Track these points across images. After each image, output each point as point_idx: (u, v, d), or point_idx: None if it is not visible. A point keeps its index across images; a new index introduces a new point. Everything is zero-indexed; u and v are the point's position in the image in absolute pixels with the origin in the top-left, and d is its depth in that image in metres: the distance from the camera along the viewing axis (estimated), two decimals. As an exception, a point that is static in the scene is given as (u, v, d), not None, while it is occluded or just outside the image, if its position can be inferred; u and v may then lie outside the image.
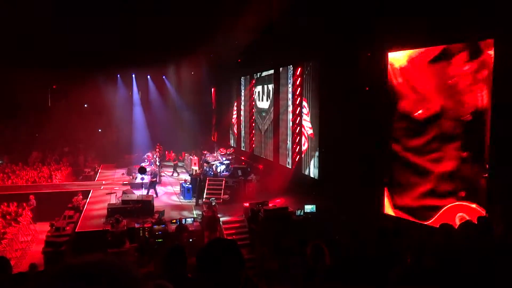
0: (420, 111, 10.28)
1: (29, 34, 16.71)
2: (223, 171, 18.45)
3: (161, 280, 1.98)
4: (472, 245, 4.00)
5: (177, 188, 18.90)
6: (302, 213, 13.61)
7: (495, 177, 8.64)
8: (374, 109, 11.91)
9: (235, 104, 25.85)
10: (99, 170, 23.81)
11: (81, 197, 16.92)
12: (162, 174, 21.52)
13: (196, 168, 19.88)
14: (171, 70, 27.47)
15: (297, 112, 17.05)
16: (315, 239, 5.08)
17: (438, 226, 4.82)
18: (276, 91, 19.30)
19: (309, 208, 13.66)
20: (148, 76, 28.73)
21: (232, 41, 18.05)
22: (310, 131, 16.13)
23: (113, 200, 16.07)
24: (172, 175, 22.09)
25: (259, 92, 21.89)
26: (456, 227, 4.70)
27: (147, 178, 17.99)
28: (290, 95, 17.89)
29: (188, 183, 17.52)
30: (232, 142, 26.56)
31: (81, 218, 14.57)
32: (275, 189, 16.94)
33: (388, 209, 11.33)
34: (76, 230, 13.27)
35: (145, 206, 14.74)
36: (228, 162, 19.08)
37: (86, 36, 17.50)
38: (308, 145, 16.33)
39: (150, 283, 2.02)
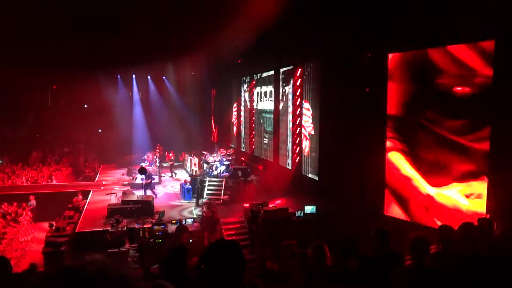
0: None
1: (30, 34, 16.71)
2: (223, 172, 18.44)
3: (161, 280, 1.98)
4: (472, 246, 4.00)
5: (177, 189, 18.89)
6: (302, 214, 13.60)
7: (495, 177, 8.65)
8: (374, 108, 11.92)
9: (235, 104, 25.87)
10: (99, 171, 23.81)
11: (81, 197, 16.93)
12: (162, 174, 21.51)
13: (196, 168, 19.88)
14: (171, 71, 27.48)
15: (297, 113, 17.05)
16: (316, 240, 5.07)
17: (438, 228, 4.82)
18: (276, 92, 19.32)
19: (309, 209, 13.65)
20: (148, 77, 28.74)
21: (232, 41, 18.05)
22: (311, 132, 16.14)
23: (113, 200, 16.06)
24: (171, 175, 22.08)
25: (259, 93, 21.90)
26: (456, 229, 4.70)
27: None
28: (290, 96, 17.90)
29: (188, 184, 17.51)
30: (232, 142, 26.57)
31: (81, 218, 14.56)
32: (275, 190, 16.94)
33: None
34: (76, 230, 13.26)
35: (145, 207, 14.73)
36: (228, 162, 19.08)
37: (87, 36, 17.51)
38: (309, 146, 16.33)
39: (149, 283, 2.03)
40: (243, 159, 22.29)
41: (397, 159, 11.44)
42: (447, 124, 9.98)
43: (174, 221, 13.26)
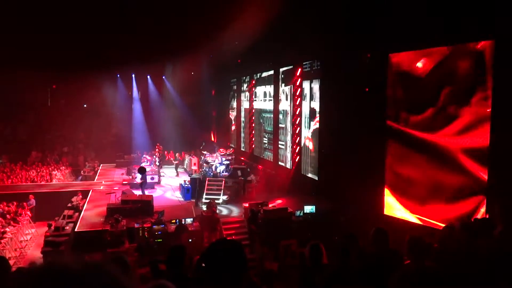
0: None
1: (30, 34, 16.70)
2: (222, 172, 18.43)
3: (163, 280, 1.98)
4: (471, 246, 4.00)
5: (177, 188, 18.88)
6: (301, 214, 13.61)
7: (494, 177, 8.65)
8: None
9: (235, 104, 25.86)
10: (99, 170, 23.79)
11: (80, 196, 16.92)
12: (162, 174, 21.48)
13: (195, 168, 19.87)
14: (171, 70, 27.47)
15: (297, 113, 17.05)
16: (314, 239, 5.07)
17: (441, 228, 4.82)
18: (276, 91, 19.31)
19: (308, 208, 13.66)
20: (148, 76, 28.72)
21: (232, 41, 18.05)
22: (310, 132, 16.13)
23: (112, 200, 16.05)
24: (177, 175, 22.08)
25: (259, 93, 21.90)
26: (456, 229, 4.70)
27: (149, 178, 18.00)
28: (290, 96, 17.90)
29: (187, 183, 17.50)
30: (231, 142, 26.57)
31: (81, 218, 14.55)
32: (274, 189, 16.94)
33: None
34: (75, 230, 13.26)
35: (144, 206, 14.72)
36: (227, 162, 19.07)
37: (86, 36, 17.50)
38: (308, 146, 16.33)
39: (150, 283, 2.03)
40: (242, 158, 22.28)
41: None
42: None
43: (174, 221, 13.25)
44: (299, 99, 16.87)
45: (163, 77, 28.58)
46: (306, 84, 16.43)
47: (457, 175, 8.46)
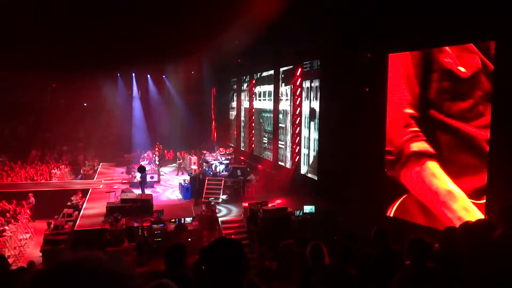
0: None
1: (29, 33, 16.69)
2: (222, 171, 18.43)
3: (164, 279, 1.97)
4: (471, 246, 4.00)
5: (177, 187, 18.88)
6: (301, 214, 13.61)
7: (495, 177, 8.66)
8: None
9: (235, 104, 25.87)
10: (99, 169, 23.79)
11: (80, 195, 16.92)
12: (161, 173, 21.48)
13: (195, 167, 19.87)
14: (171, 70, 27.46)
15: (296, 113, 17.06)
16: (314, 239, 5.08)
17: (443, 230, 4.81)
18: (276, 91, 19.31)
19: (308, 208, 13.66)
20: (148, 76, 28.72)
21: (232, 41, 18.04)
22: (310, 132, 16.13)
23: (112, 198, 16.05)
24: (177, 174, 22.08)
25: (259, 92, 21.90)
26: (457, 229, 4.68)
27: (148, 177, 17.97)
28: (290, 95, 17.90)
29: (187, 183, 17.50)
30: (231, 142, 26.57)
31: (80, 217, 14.55)
32: (274, 189, 16.93)
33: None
34: (75, 229, 13.25)
35: (144, 205, 14.71)
36: (227, 162, 19.06)
37: (87, 36, 17.49)
38: (308, 146, 16.33)
39: (152, 282, 2.02)
40: (242, 158, 22.28)
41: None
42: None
43: (173, 220, 13.25)
44: (299, 99, 16.87)
45: (163, 76, 28.58)
46: (306, 84, 16.44)
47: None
